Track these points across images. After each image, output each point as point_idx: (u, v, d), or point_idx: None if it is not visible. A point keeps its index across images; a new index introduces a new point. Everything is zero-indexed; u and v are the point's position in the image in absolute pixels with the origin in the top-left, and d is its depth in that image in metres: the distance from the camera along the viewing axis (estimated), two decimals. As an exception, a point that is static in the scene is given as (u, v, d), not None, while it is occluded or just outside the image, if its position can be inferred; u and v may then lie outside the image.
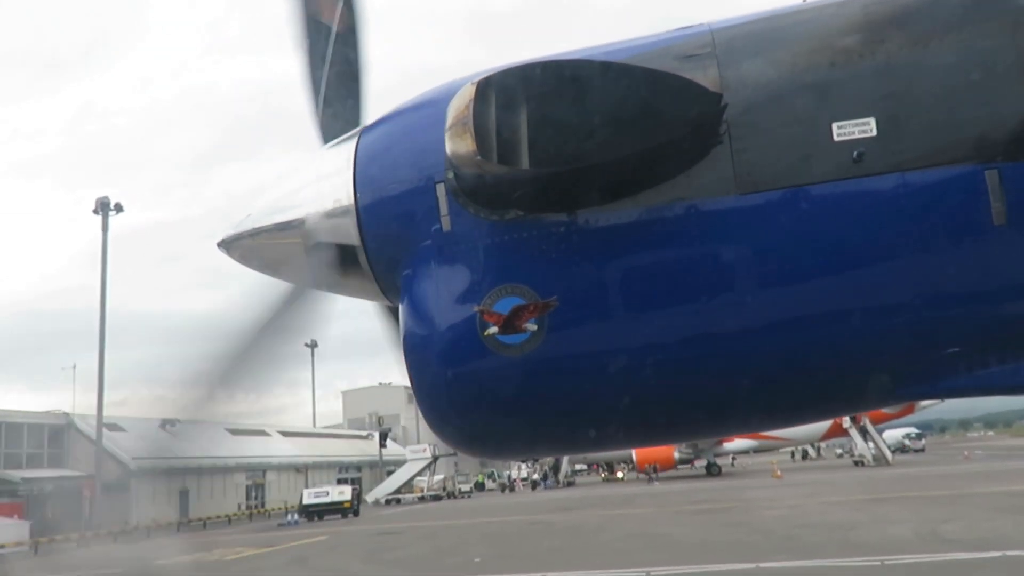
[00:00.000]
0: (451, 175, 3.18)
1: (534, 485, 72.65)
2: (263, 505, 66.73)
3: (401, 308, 3.41)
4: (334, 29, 4.00)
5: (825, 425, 62.98)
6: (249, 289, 3.94)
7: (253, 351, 3.78)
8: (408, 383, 3.38)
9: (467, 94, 2.86)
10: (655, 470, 65.86)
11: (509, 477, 78.40)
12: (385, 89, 4.16)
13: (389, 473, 72.00)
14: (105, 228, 54.56)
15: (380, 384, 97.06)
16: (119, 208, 55.47)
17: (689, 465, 65.69)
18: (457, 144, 2.88)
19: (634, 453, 66.62)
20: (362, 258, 3.47)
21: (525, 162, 2.81)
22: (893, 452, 68.43)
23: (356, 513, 52.78)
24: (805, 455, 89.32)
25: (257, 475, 68.95)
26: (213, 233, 3.99)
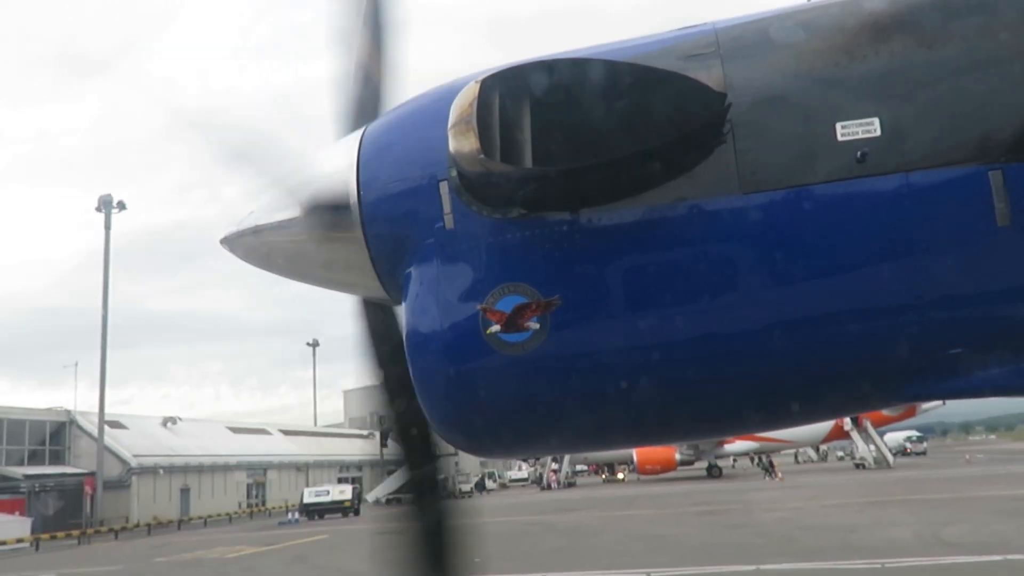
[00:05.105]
0: (454, 173, 3.17)
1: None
2: (264, 503, 66.83)
3: (404, 306, 3.41)
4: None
5: (827, 427, 62.87)
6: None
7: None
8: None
9: (471, 92, 2.85)
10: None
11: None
12: (406, 92, 4.12)
13: (390, 473, 71.96)
14: (108, 226, 54.83)
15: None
16: (122, 206, 55.71)
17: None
18: (460, 142, 2.87)
19: (635, 454, 66.56)
20: (365, 255, 3.47)
21: (528, 161, 2.80)
22: (894, 455, 68.35)
23: (357, 512, 52.88)
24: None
25: (258, 473, 69.03)
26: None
